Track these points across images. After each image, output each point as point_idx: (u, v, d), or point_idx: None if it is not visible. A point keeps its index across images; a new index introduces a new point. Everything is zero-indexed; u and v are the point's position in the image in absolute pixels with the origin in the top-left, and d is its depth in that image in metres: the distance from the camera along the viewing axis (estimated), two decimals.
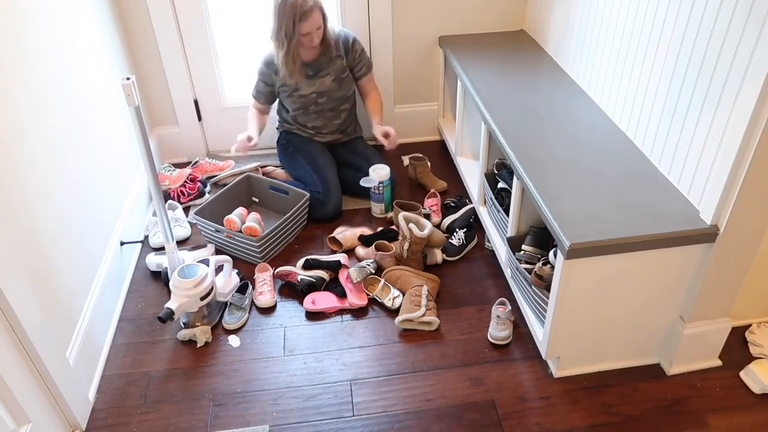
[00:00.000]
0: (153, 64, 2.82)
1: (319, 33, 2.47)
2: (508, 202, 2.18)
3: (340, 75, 2.64)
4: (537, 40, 2.81)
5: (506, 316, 2.07)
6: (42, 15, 1.92)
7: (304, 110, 2.69)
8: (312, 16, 2.38)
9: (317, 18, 2.41)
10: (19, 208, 1.64)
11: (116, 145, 2.47)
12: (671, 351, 1.90)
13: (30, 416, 1.57)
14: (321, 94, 2.64)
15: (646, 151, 1.94)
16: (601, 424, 1.80)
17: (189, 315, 2.11)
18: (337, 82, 2.64)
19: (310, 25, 2.40)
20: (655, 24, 1.83)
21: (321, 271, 2.29)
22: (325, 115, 2.71)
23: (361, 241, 2.45)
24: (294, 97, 2.65)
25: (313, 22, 2.40)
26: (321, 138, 2.77)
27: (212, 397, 1.91)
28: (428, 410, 1.85)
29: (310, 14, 2.37)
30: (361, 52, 2.67)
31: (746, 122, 1.45)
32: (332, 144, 2.80)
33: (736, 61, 1.48)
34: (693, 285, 1.78)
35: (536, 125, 2.14)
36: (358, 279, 2.22)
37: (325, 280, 2.29)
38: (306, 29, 2.40)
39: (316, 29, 2.43)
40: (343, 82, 2.66)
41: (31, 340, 1.56)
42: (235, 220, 2.40)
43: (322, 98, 2.66)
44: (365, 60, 2.70)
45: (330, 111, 2.70)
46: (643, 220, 1.68)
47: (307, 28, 2.40)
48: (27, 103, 1.76)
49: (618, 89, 2.09)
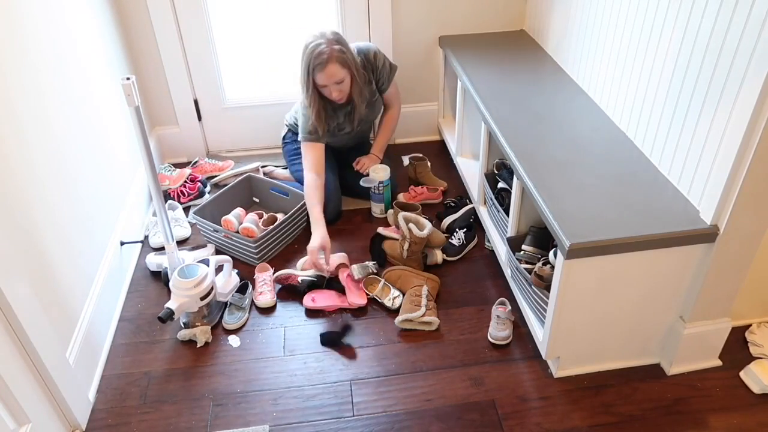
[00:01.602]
0: (153, 64, 2.82)
1: (338, 87, 2.30)
2: (508, 202, 2.18)
3: (371, 99, 2.57)
4: (537, 40, 2.81)
5: (506, 316, 2.07)
6: (42, 15, 1.92)
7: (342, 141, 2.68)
8: (327, 67, 2.22)
9: (334, 71, 2.24)
10: (19, 208, 1.64)
11: (116, 145, 2.47)
12: (671, 351, 1.90)
13: (30, 416, 1.57)
14: (359, 123, 2.61)
15: (646, 151, 1.94)
16: (601, 424, 1.80)
17: (189, 315, 2.11)
18: (370, 107, 2.59)
19: (327, 78, 2.26)
20: (656, 24, 1.83)
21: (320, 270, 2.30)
22: (357, 135, 2.71)
23: None
24: (339, 136, 2.62)
25: (329, 75, 2.25)
26: (333, 144, 2.72)
27: (212, 397, 1.91)
28: (428, 410, 1.85)
29: (325, 66, 2.22)
30: (383, 65, 2.52)
31: (746, 122, 1.45)
32: (342, 149, 2.79)
33: (736, 61, 1.48)
34: (693, 285, 1.78)
35: (536, 125, 2.14)
36: (360, 275, 2.23)
37: (325, 277, 2.29)
38: (322, 81, 2.27)
39: (334, 83, 2.28)
40: (375, 105, 2.62)
41: (31, 340, 1.56)
42: (233, 220, 2.39)
43: (360, 126, 2.64)
44: (386, 73, 2.54)
45: (360, 131, 2.69)
46: (643, 220, 1.68)
47: (322, 79, 2.26)
48: (27, 103, 1.76)
49: (618, 89, 2.09)
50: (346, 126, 2.58)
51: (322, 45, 2.23)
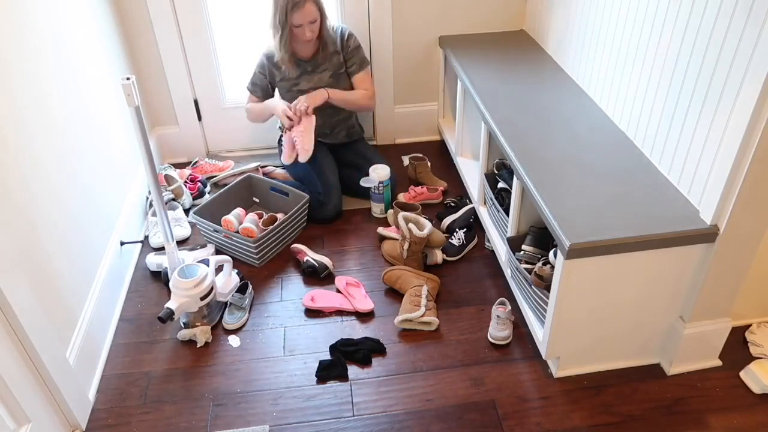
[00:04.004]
0: (153, 64, 2.82)
1: (313, 27, 2.42)
2: (508, 202, 2.18)
3: (338, 71, 2.63)
4: (537, 40, 2.81)
5: (506, 316, 2.07)
6: (42, 15, 1.92)
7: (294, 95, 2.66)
8: (305, 6, 2.34)
9: (310, 10, 2.36)
10: (20, 208, 1.64)
11: (116, 145, 2.47)
12: (671, 351, 1.90)
13: (30, 416, 1.57)
14: (316, 85, 2.61)
15: (646, 151, 1.94)
16: (601, 424, 1.80)
17: (189, 315, 2.11)
18: (335, 78, 2.63)
19: (302, 17, 2.36)
20: (656, 24, 1.83)
21: (327, 259, 2.35)
22: (325, 112, 2.67)
23: None
24: (293, 92, 2.64)
25: (305, 14, 2.36)
26: (324, 139, 2.76)
27: (212, 397, 1.91)
28: (428, 410, 1.85)
29: (303, 5, 2.33)
30: (355, 48, 2.61)
31: (746, 122, 1.45)
32: (335, 146, 2.80)
33: (736, 61, 1.48)
34: (693, 285, 1.78)
35: (536, 125, 2.14)
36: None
37: (327, 267, 2.32)
38: (297, 20, 2.37)
39: (308, 22, 2.38)
40: (340, 78, 2.64)
41: (31, 340, 1.56)
42: (233, 220, 2.39)
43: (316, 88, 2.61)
44: (358, 56, 2.63)
45: (329, 107, 2.66)
46: (643, 220, 1.68)
47: (298, 19, 2.36)
48: (28, 103, 1.76)
49: (618, 89, 2.09)
50: (302, 82, 2.61)
51: None
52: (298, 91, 2.63)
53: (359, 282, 2.30)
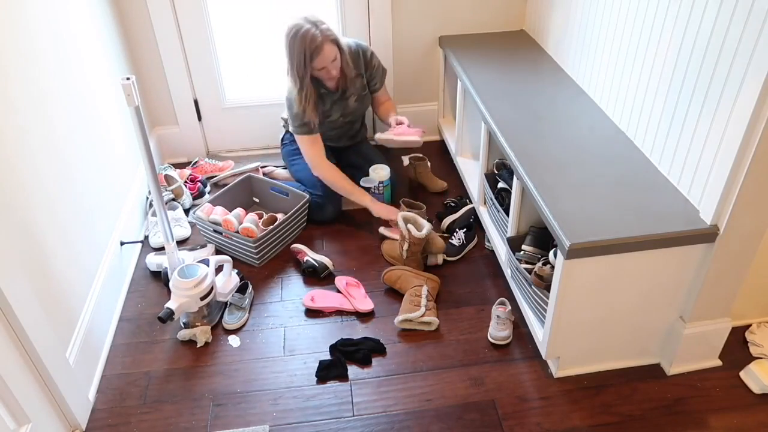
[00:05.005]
0: (153, 64, 2.82)
1: (335, 65, 2.36)
2: (508, 202, 2.18)
3: (361, 93, 2.60)
4: (537, 40, 2.81)
5: (506, 316, 2.07)
6: (42, 15, 1.92)
7: (334, 132, 2.69)
8: (324, 50, 2.27)
9: (330, 51, 2.29)
10: (20, 208, 1.64)
11: (116, 145, 2.47)
12: (671, 351, 1.90)
13: (30, 416, 1.57)
14: (346, 115, 2.63)
15: (646, 151, 1.94)
16: (601, 424, 1.80)
17: (189, 315, 2.11)
18: (360, 101, 2.61)
19: (323, 60, 2.30)
20: (655, 24, 1.83)
21: (327, 259, 2.35)
22: (343, 128, 2.71)
23: None
24: (325, 124, 2.62)
25: (325, 57, 2.29)
26: (328, 142, 2.73)
27: (212, 397, 1.91)
28: (428, 410, 1.85)
29: (322, 48, 2.26)
30: (377, 66, 2.59)
31: (746, 122, 1.45)
32: (338, 149, 2.79)
33: (736, 61, 1.48)
34: (693, 285, 1.78)
35: (536, 125, 2.14)
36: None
37: (327, 267, 2.32)
38: (320, 64, 2.31)
39: (331, 62, 2.33)
40: (364, 100, 2.64)
41: (31, 340, 1.56)
42: (233, 220, 2.39)
43: (347, 118, 2.65)
44: (380, 73, 2.62)
45: (349, 124, 2.70)
46: (643, 220, 1.68)
47: (320, 63, 2.30)
48: (28, 104, 1.76)
49: (618, 89, 2.09)
50: (333, 113, 2.59)
51: (312, 29, 2.26)
52: (330, 122, 2.61)
53: (359, 282, 2.30)
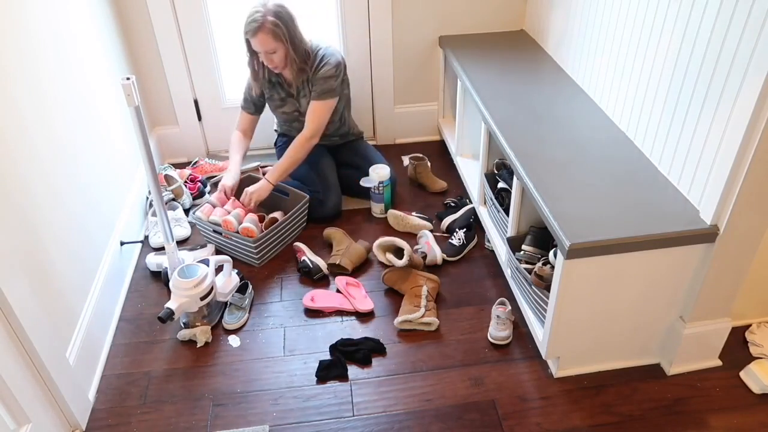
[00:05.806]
0: (153, 64, 2.82)
1: (272, 57, 2.33)
2: (508, 202, 2.18)
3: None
4: (537, 40, 2.81)
5: (506, 316, 2.07)
6: (42, 15, 1.92)
7: (288, 125, 2.69)
8: (257, 35, 2.26)
9: (263, 40, 2.26)
10: (19, 208, 1.64)
11: (116, 145, 2.47)
12: (671, 351, 1.90)
13: (30, 416, 1.57)
14: (302, 113, 2.58)
15: (646, 151, 1.94)
16: (601, 424, 1.80)
17: (189, 315, 2.11)
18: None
19: (257, 46, 2.30)
20: (655, 24, 1.83)
21: (323, 262, 2.36)
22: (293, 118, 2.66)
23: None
24: (278, 113, 2.65)
25: (258, 44, 2.28)
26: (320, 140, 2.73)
27: (212, 397, 1.91)
28: (428, 410, 1.85)
29: (255, 33, 2.26)
30: (323, 77, 2.41)
31: (746, 122, 1.45)
32: (331, 146, 2.79)
33: (736, 61, 1.48)
34: (693, 285, 1.78)
35: (536, 125, 2.14)
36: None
37: (321, 270, 2.33)
38: (255, 47, 2.32)
39: (265, 52, 2.31)
40: None
41: (31, 340, 1.56)
42: (233, 220, 2.39)
43: (303, 117, 2.57)
44: (322, 86, 2.42)
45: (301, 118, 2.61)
46: (642, 220, 1.68)
47: (255, 46, 2.31)
48: (28, 104, 1.76)
49: (618, 89, 2.09)
50: (286, 107, 2.59)
51: (258, 13, 2.26)
52: (282, 112, 2.62)
53: (359, 282, 2.30)
